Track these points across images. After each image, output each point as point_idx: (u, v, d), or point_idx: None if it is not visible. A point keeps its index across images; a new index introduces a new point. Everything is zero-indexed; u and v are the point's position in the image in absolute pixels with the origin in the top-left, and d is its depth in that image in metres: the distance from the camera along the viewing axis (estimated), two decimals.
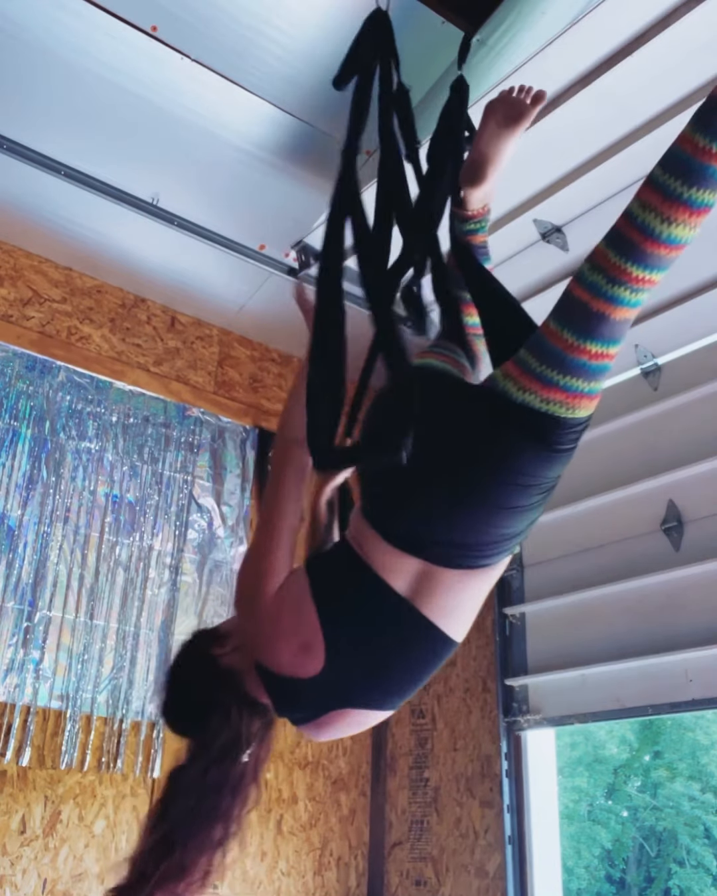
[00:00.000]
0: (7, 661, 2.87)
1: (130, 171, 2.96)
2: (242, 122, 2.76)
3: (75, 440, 3.26)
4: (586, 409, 1.37)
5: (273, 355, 3.96)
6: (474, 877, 3.21)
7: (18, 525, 3.03)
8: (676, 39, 2.22)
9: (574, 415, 1.36)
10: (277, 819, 3.36)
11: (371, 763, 3.68)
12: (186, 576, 3.38)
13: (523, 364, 1.37)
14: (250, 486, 3.68)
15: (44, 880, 2.79)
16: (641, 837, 13.61)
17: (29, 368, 3.24)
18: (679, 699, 2.82)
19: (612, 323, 1.31)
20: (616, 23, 2.22)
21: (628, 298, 1.29)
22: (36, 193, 3.06)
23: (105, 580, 3.16)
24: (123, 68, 2.58)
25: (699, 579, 2.85)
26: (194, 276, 3.49)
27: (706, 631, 2.77)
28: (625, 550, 3.13)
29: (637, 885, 13.49)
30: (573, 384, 1.33)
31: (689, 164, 1.23)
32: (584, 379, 1.33)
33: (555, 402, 1.34)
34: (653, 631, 2.95)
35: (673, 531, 2.99)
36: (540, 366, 1.34)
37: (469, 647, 3.50)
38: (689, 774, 13.29)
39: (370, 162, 2.81)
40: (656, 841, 13.46)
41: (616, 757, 13.84)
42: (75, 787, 2.93)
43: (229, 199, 3.08)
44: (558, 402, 1.34)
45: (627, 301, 1.29)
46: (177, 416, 3.56)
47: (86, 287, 3.48)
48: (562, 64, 2.34)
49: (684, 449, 3.00)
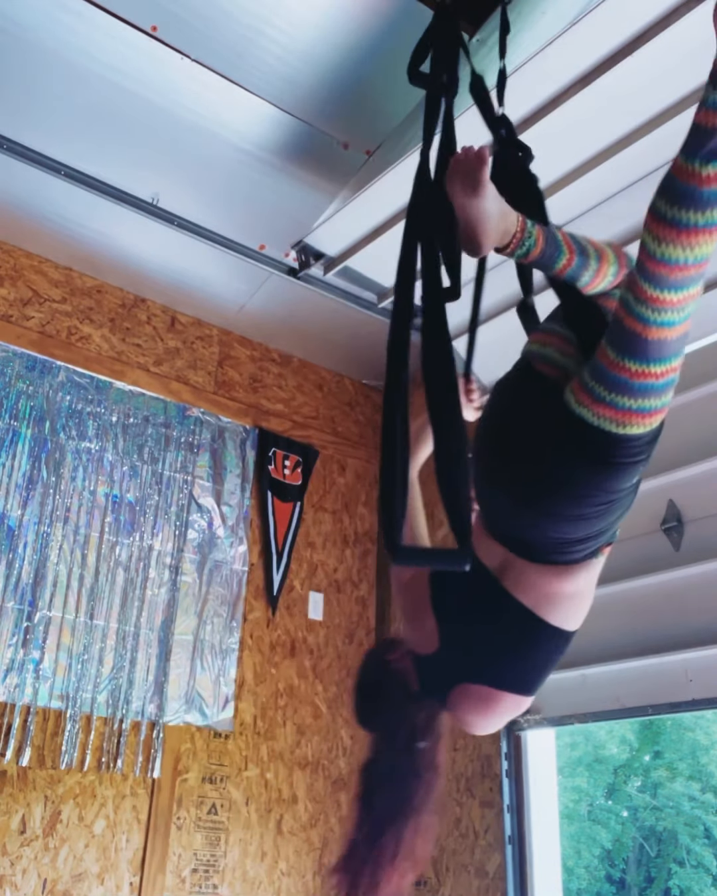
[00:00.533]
0: (7, 661, 2.87)
1: (130, 171, 2.96)
2: (242, 122, 2.76)
3: (75, 440, 3.26)
4: (656, 421, 1.43)
5: (273, 355, 3.96)
6: (474, 877, 3.21)
7: (18, 525, 3.03)
8: (676, 39, 2.22)
9: (646, 429, 1.41)
10: (277, 819, 3.36)
11: None
12: (186, 576, 3.38)
13: (594, 394, 1.40)
14: (250, 486, 3.68)
15: (44, 880, 2.79)
16: (641, 837, 13.61)
17: (29, 368, 3.24)
18: (679, 699, 2.82)
19: (670, 343, 1.37)
20: (616, 23, 2.22)
21: (675, 319, 1.35)
22: (36, 193, 3.06)
23: (105, 580, 3.16)
24: (123, 68, 2.58)
25: (699, 579, 2.85)
26: (194, 276, 3.49)
27: (706, 631, 2.77)
28: (625, 550, 3.12)
29: (637, 885, 13.49)
30: (647, 404, 1.39)
31: (686, 191, 1.27)
32: (655, 397, 1.39)
33: (632, 424, 1.39)
34: (653, 631, 2.94)
35: (673, 531, 2.99)
36: (610, 394, 1.38)
37: None
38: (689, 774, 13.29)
39: (371, 162, 2.82)
40: (656, 841, 13.46)
41: (616, 757, 13.84)
42: (75, 787, 2.93)
43: (229, 199, 3.08)
44: (635, 423, 1.39)
45: (676, 322, 1.35)
46: (177, 416, 3.56)
47: (86, 287, 3.49)
48: (562, 64, 2.34)
49: (684, 449, 3.00)
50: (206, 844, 3.16)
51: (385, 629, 3.87)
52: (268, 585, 3.61)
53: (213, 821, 3.20)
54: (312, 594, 3.75)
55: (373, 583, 3.97)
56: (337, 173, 2.90)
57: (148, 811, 3.05)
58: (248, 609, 3.52)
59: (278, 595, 3.61)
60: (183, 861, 3.09)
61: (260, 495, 3.69)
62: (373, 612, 3.92)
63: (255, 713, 3.42)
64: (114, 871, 2.93)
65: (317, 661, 3.67)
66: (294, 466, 3.83)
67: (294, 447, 3.85)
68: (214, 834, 3.19)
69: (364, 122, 2.74)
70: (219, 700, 3.31)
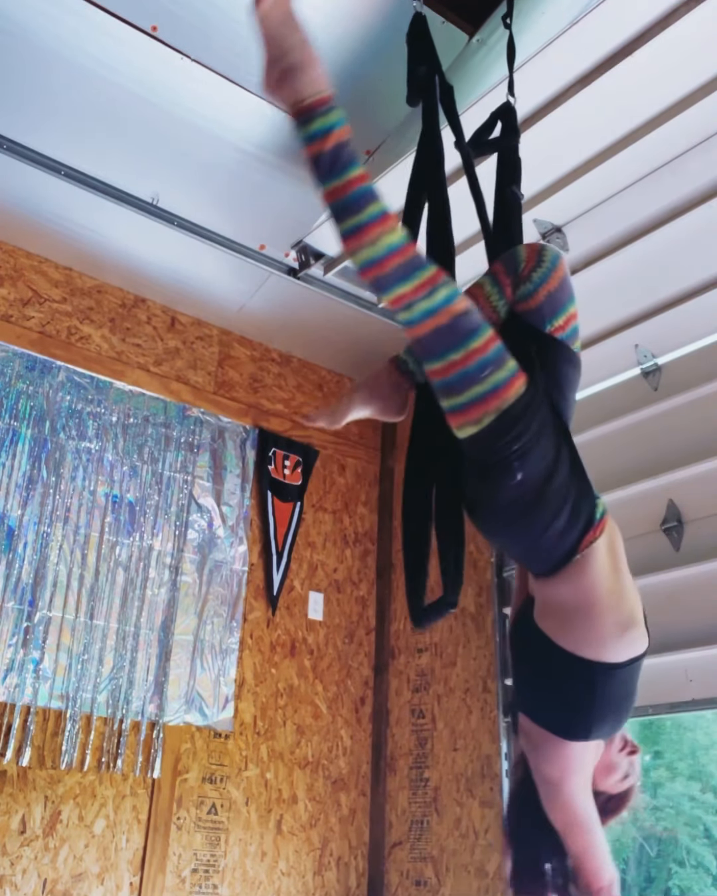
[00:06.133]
0: (7, 661, 2.87)
1: (130, 171, 2.96)
2: (242, 122, 2.76)
3: (75, 440, 3.26)
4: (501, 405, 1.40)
5: (273, 355, 3.96)
6: (474, 877, 3.21)
7: (18, 525, 3.03)
8: (676, 39, 2.22)
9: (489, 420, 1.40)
10: (277, 819, 3.36)
11: (371, 763, 3.68)
12: (186, 576, 3.37)
13: (446, 410, 1.45)
14: (250, 486, 3.68)
15: (44, 880, 2.79)
16: (641, 837, 13.61)
17: (29, 368, 3.24)
18: (679, 699, 2.82)
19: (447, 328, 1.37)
20: (616, 23, 2.22)
21: (430, 305, 1.36)
22: (36, 193, 3.06)
23: (105, 580, 3.16)
24: (123, 68, 2.57)
25: (699, 579, 2.85)
26: (194, 276, 3.49)
27: (706, 631, 2.77)
28: (625, 550, 3.12)
29: (637, 885, 13.49)
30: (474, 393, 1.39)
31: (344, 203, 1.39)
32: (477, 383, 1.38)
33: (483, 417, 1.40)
34: (653, 631, 2.93)
35: (673, 531, 2.99)
36: (447, 401, 1.43)
37: (469, 647, 3.50)
38: (689, 774, 13.27)
39: (371, 162, 2.82)
40: (656, 841, 13.45)
41: None
42: (75, 787, 2.93)
43: (229, 200, 3.08)
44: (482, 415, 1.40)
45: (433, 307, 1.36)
46: (177, 416, 3.56)
47: (86, 287, 3.48)
48: (562, 64, 2.34)
49: (684, 449, 3.00)
50: (206, 844, 3.16)
51: (385, 629, 3.87)
52: (268, 585, 3.61)
53: (213, 821, 3.20)
54: (312, 594, 3.74)
55: (373, 583, 3.97)
56: None
57: (148, 811, 3.05)
58: (248, 609, 3.52)
59: (278, 595, 3.61)
60: (183, 861, 3.09)
61: (260, 495, 3.69)
62: (373, 612, 3.92)
63: (255, 713, 3.42)
64: (114, 871, 2.93)
65: (317, 661, 3.67)
66: (294, 466, 3.82)
67: (294, 447, 3.85)
68: (214, 834, 3.19)
69: (364, 122, 2.73)
70: (219, 700, 3.31)
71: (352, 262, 1.41)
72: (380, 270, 1.36)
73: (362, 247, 1.36)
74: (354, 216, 1.36)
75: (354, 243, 1.37)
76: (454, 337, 1.37)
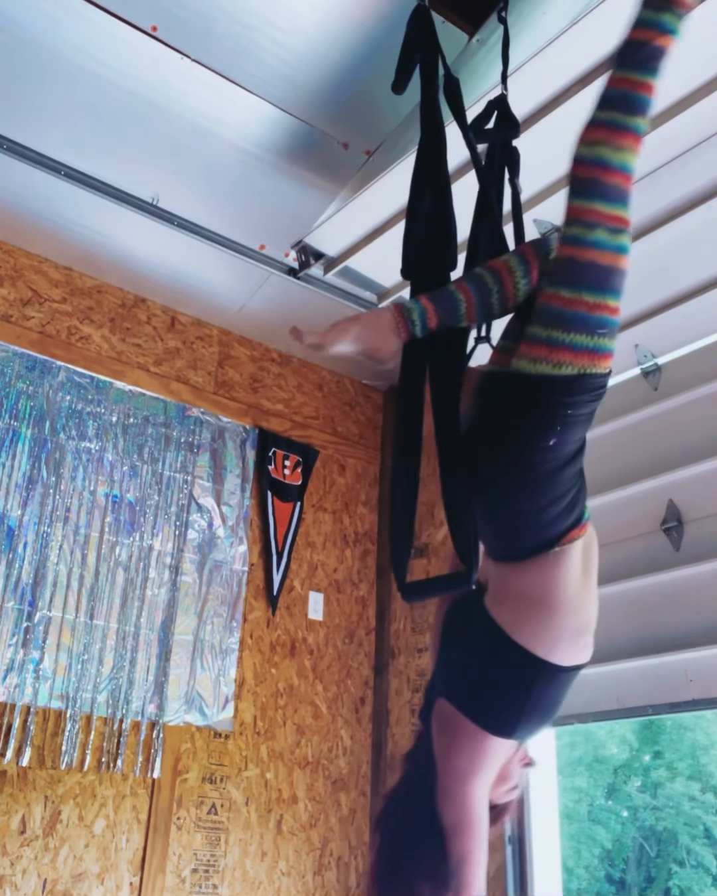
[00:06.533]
0: (7, 661, 2.87)
1: (130, 171, 2.96)
2: (242, 122, 2.76)
3: (75, 440, 3.26)
4: (588, 366, 1.36)
5: (273, 355, 3.96)
6: None
7: (18, 525, 3.03)
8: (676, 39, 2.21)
9: (578, 370, 1.36)
10: (277, 819, 3.36)
11: (371, 763, 3.68)
12: (186, 576, 3.38)
13: (530, 336, 1.39)
14: (250, 486, 3.68)
15: (44, 880, 2.79)
16: (641, 837, 13.62)
17: (29, 368, 3.24)
18: (679, 699, 2.82)
19: (601, 270, 1.34)
20: (616, 23, 2.21)
21: (607, 240, 1.33)
22: (36, 193, 3.06)
23: (105, 580, 3.16)
24: (123, 68, 2.58)
25: (699, 579, 2.85)
26: (194, 276, 3.49)
27: (706, 631, 2.77)
28: (625, 550, 3.13)
29: (637, 885, 13.50)
30: (578, 340, 1.34)
31: (620, 96, 1.35)
32: (586, 333, 1.34)
33: (564, 362, 1.35)
34: (653, 631, 2.94)
35: (673, 531, 2.99)
36: (544, 330, 1.36)
37: None
38: (689, 774, 13.30)
39: (371, 162, 2.82)
40: (656, 841, 13.46)
41: (616, 757, 13.85)
42: (75, 787, 2.93)
43: (229, 199, 3.08)
44: (567, 360, 1.35)
45: (607, 243, 1.33)
46: (177, 416, 3.56)
47: (86, 287, 3.49)
48: (562, 64, 2.34)
49: (684, 449, 3.00)
50: (206, 844, 3.16)
51: (385, 629, 3.87)
52: (268, 585, 3.61)
53: (213, 821, 3.20)
54: (312, 594, 3.75)
55: (373, 583, 3.97)
56: (337, 173, 2.90)
57: (148, 811, 3.05)
58: (248, 609, 3.52)
59: (278, 595, 3.61)
60: (183, 861, 3.09)
61: (260, 495, 3.69)
62: (373, 612, 3.92)
63: (255, 713, 3.42)
64: (114, 871, 2.94)
65: (317, 661, 3.67)
66: (294, 466, 3.83)
67: (294, 447, 3.85)
68: (214, 834, 3.19)
69: (364, 122, 2.73)
70: (219, 700, 3.31)
71: (576, 149, 1.36)
72: (600, 175, 1.32)
73: (603, 143, 1.32)
74: (623, 114, 1.33)
75: (600, 134, 1.34)
76: (601, 282, 1.34)
